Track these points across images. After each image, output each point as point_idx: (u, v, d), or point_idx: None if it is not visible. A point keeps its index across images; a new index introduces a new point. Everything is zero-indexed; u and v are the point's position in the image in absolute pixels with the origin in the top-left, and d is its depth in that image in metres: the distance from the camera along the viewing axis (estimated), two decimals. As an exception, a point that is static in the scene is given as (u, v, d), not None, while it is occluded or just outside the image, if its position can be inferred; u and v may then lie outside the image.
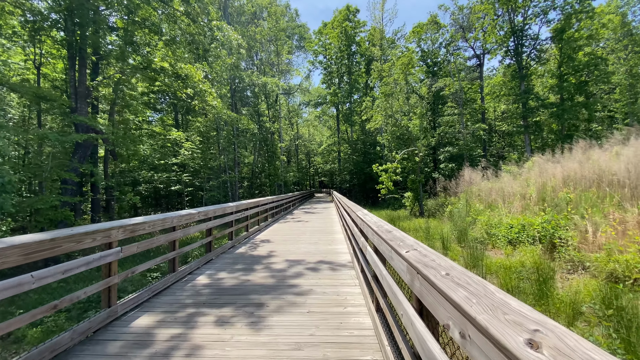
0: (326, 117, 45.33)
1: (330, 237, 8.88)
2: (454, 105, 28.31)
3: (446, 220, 14.21)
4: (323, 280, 4.81)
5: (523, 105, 24.56)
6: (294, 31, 34.51)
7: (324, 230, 10.18)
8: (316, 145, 51.43)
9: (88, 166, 9.96)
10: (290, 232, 9.86)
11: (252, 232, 9.55)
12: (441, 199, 19.18)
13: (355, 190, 30.02)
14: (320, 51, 32.87)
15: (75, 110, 10.72)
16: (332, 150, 38.54)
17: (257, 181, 24.76)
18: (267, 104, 24.73)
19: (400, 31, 32.29)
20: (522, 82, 24.66)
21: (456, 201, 16.03)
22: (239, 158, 25.10)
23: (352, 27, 30.52)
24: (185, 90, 12.38)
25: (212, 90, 12.15)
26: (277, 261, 6.05)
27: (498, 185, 14.52)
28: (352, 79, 30.88)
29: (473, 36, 28.50)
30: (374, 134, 29.12)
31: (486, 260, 6.92)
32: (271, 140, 24.20)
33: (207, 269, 5.56)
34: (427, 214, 17.44)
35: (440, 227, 12.59)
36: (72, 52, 10.92)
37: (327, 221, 13.03)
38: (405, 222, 15.21)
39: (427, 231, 11.63)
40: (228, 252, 6.96)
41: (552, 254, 6.71)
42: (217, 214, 6.74)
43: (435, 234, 10.66)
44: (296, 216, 15.25)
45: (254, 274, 5.20)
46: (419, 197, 17.06)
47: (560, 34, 23.07)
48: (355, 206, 6.21)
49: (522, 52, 24.72)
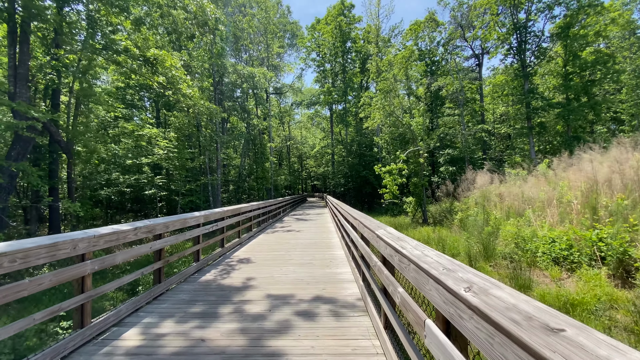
0: (319, 119, 43.66)
1: (328, 253, 7.08)
2: (452, 106, 26.98)
3: (456, 230, 12.56)
4: (323, 341, 3.00)
5: (527, 105, 23.31)
6: (286, 28, 32.83)
7: (319, 244, 8.38)
8: (309, 148, 49.68)
9: (22, 164, 7.96)
10: (277, 247, 8.02)
11: (231, 247, 7.69)
12: (444, 204, 17.60)
13: (350, 194, 28.30)
14: (314, 48, 31.18)
15: (14, 95, 8.73)
16: (325, 153, 36.81)
17: (245, 185, 22.78)
18: (256, 100, 22.64)
19: (397, 27, 30.94)
20: (525, 81, 23.44)
21: (464, 207, 14.42)
22: (224, 159, 23.12)
23: (347, 23, 28.99)
24: (156, 78, 10.48)
25: (188, 77, 10.32)
26: (254, 297, 4.23)
27: (514, 189, 12.97)
28: (347, 78, 29.25)
29: (472, 34, 27.33)
30: (370, 135, 27.52)
31: (536, 290, 5.21)
32: (260, 139, 22.18)
33: (147, 315, 3.69)
34: (431, 221, 15.79)
35: (451, 237, 10.91)
36: (12, 24, 8.96)
37: (321, 230, 11.22)
38: (410, 231, 13.52)
39: (441, 244, 9.93)
40: (189, 281, 5.09)
41: (627, 280, 5.04)
42: (173, 228, 4.88)
43: (453, 247, 8.95)
44: (286, 224, 13.41)
45: (216, 326, 3.37)
46: (422, 203, 15.42)
47: (565, 30, 21.96)
48: (365, 217, 4.45)
49: (526, 50, 23.53)
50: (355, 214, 5.07)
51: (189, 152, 14.72)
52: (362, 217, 4.40)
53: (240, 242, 8.46)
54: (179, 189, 14.01)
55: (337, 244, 8.40)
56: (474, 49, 30.90)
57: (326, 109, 36.39)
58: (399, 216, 19.21)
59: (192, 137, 16.39)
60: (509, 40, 24.38)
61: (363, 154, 26.64)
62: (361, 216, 4.61)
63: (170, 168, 13.86)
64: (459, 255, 8.03)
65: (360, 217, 4.51)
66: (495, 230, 9.69)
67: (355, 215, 4.93)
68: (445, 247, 9.28)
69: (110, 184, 13.37)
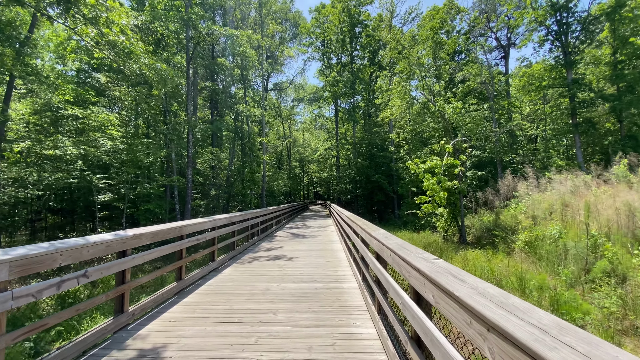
0: (322, 121, 39.99)
1: (340, 316, 3.40)
2: (475, 102, 23.30)
3: (521, 256, 8.69)
4: None
5: (571, 98, 19.56)
6: (287, 16, 29.45)
7: (321, 291, 4.60)
8: (311, 152, 46.00)
9: None
10: (243, 304, 4.27)
11: (138, 314, 3.96)
12: (484, 216, 13.76)
13: (359, 202, 24.41)
14: (318, 35, 27.57)
15: None
16: (329, 156, 33.06)
17: (234, 190, 18.94)
18: (243, 84, 18.58)
19: (414, 10, 27.30)
20: (569, 70, 19.72)
21: (522, 221, 10.56)
22: (212, 159, 19.41)
23: (356, 5, 25.49)
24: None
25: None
26: None
27: (602, 198, 9.15)
28: (355, 68, 25.58)
29: (501, 19, 23.78)
30: (382, 133, 23.76)
31: None
32: (249, 133, 18.18)
33: None
34: (471, 240, 11.94)
35: (519, 268, 7.08)
36: None
37: (325, 257, 7.42)
38: (450, 254, 9.67)
39: (520, 286, 6.11)
40: None
41: None
42: None
43: (553, 298, 5.12)
44: (276, 245, 9.63)
45: None
46: (460, 215, 11.61)
47: (616, 9, 18.31)
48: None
49: (569, 32, 19.85)
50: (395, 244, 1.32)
51: (147, 143, 10.93)
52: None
53: (175, 292, 4.70)
54: (127, 193, 10.22)
55: (353, 287, 4.68)
56: (499, 39, 27.36)
57: (331, 107, 32.75)
58: (422, 231, 15.35)
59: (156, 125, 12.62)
60: (547, 23, 20.77)
61: (374, 155, 22.82)
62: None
63: (115, 164, 10.10)
64: (561, 312, 4.21)
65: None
66: (616, 266, 5.86)
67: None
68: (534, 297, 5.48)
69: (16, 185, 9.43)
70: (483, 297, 1.25)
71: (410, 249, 2.34)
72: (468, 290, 1.33)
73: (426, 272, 1.74)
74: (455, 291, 1.38)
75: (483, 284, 1.39)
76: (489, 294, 1.26)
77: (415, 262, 1.94)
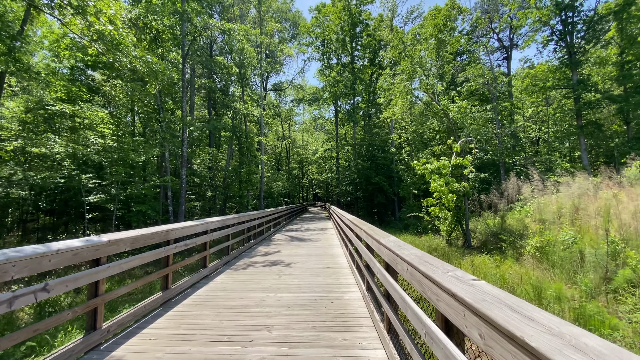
0: (322, 122, 39.55)
1: (344, 334, 2.93)
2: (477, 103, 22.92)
3: (531, 262, 8.25)
4: None
5: (576, 99, 19.19)
6: (287, 16, 29.13)
7: (321, 303, 4.15)
8: (310, 153, 45.55)
9: None
10: (234, 318, 3.82)
11: (119, 326, 3.52)
12: (488, 220, 13.32)
13: (359, 204, 23.95)
14: (318, 35, 27.22)
15: None
16: (329, 157, 32.61)
17: (231, 191, 18.46)
18: (241, 81, 18.03)
19: (416, 10, 26.98)
20: (574, 70, 19.36)
21: (532, 225, 10.13)
22: (209, 160, 18.96)
23: (357, 4, 25.14)
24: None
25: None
26: None
27: (619, 202, 8.73)
28: (355, 68, 25.19)
29: (504, 19, 23.45)
30: (383, 134, 23.35)
31: None
32: (245, 131, 17.73)
33: None
34: (476, 244, 11.50)
35: (531, 276, 6.65)
36: None
37: (326, 262, 6.97)
38: (457, 259, 9.22)
39: (537, 296, 5.68)
40: None
41: None
42: None
43: (576, 311, 4.68)
44: (273, 249, 9.18)
45: None
46: (465, 218, 11.17)
47: (625, 8, 17.97)
48: None
49: (574, 32, 19.50)
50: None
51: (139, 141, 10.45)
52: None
53: (161, 303, 4.25)
54: (116, 194, 9.74)
55: (356, 299, 4.22)
56: (501, 40, 27.05)
57: (330, 109, 32.33)
58: (424, 235, 14.91)
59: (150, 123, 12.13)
60: (551, 23, 20.44)
61: (374, 157, 22.39)
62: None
63: (104, 163, 9.64)
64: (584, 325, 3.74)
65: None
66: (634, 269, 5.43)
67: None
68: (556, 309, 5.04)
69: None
70: (579, 352, 0.81)
71: (435, 264, 1.89)
72: (549, 339, 0.89)
73: (467, 299, 1.30)
74: (525, 337, 0.93)
75: (569, 326, 0.94)
76: (588, 349, 0.82)
77: (446, 284, 1.50)
